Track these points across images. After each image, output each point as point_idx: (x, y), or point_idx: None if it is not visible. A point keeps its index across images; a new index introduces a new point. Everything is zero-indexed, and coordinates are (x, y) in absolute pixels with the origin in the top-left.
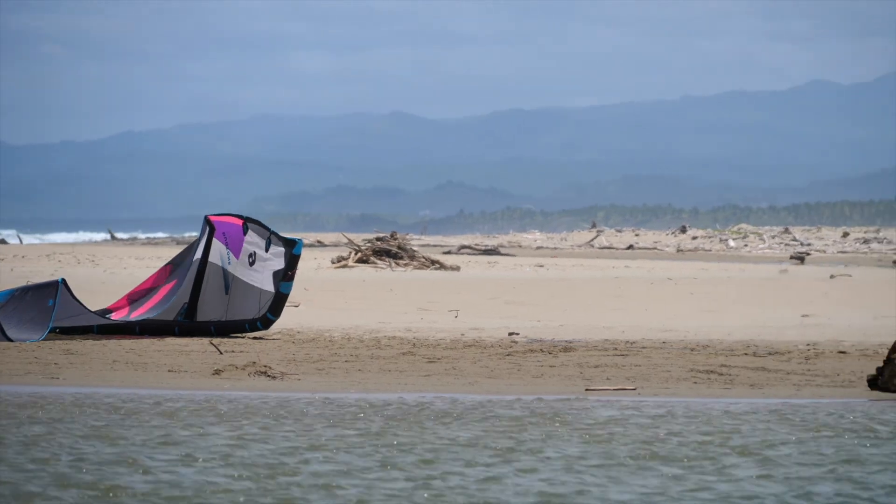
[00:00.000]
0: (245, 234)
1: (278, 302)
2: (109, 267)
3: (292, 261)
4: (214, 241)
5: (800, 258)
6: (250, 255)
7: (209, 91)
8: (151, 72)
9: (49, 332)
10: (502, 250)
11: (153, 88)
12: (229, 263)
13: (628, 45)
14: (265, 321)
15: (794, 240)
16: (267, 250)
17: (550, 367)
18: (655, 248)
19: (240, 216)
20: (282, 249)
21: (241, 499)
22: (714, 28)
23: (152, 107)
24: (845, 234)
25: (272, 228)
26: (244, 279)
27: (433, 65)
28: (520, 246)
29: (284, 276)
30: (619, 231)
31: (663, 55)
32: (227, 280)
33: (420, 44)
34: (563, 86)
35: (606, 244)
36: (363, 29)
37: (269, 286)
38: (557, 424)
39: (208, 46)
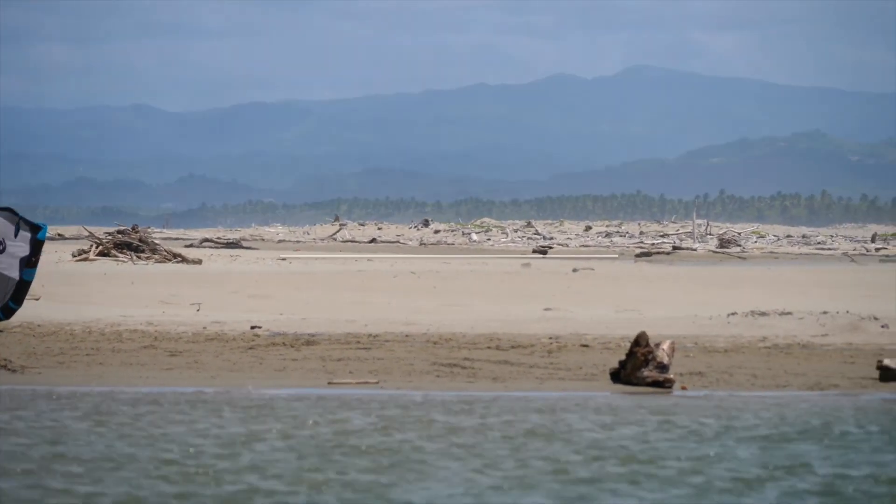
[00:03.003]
0: None
1: (21, 290)
2: None
3: (36, 246)
4: None
5: (542, 252)
6: (0, 243)
7: None
8: None
9: None
10: (245, 244)
11: None
12: None
13: (370, 38)
14: (7, 310)
15: (537, 233)
16: (16, 236)
17: (293, 360)
18: (398, 242)
19: None
20: (28, 235)
21: None
22: (457, 22)
23: None
24: (588, 228)
25: (21, 214)
26: None
27: (175, 57)
28: (262, 239)
29: (28, 263)
30: (362, 224)
31: (405, 49)
32: None
33: (162, 36)
34: (304, 79)
35: (349, 238)
36: (104, 20)
37: (15, 273)
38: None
39: None
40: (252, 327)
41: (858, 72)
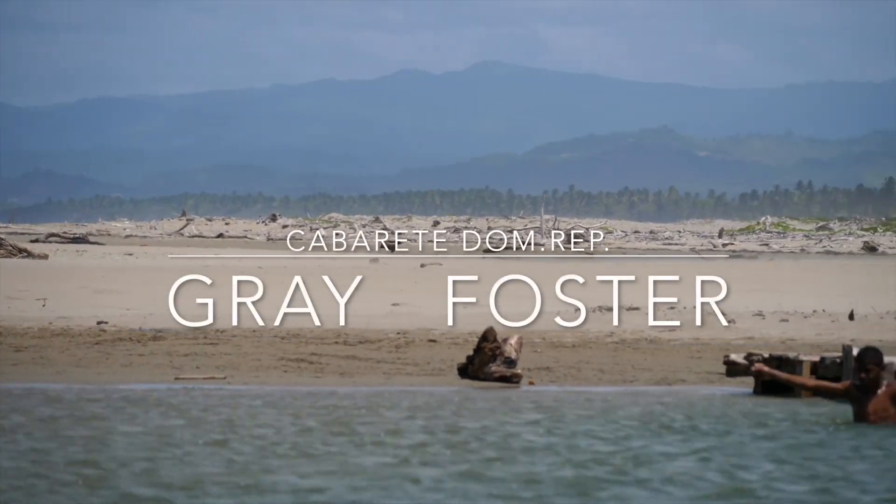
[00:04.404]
0: None
1: None
2: None
3: None
4: None
5: (390, 247)
6: None
7: None
8: None
9: None
10: (91, 238)
11: None
12: None
13: (219, 32)
14: None
15: (385, 229)
16: None
17: (140, 355)
18: (246, 237)
19: None
20: None
21: None
22: (306, 16)
23: None
24: (436, 224)
25: None
26: None
27: (20, 51)
28: (109, 234)
29: None
30: (210, 220)
31: (253, 43)
32: None
33: (7, 29)
34: (153, 73)
35: (197, 233)
36: None
37: None
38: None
39: None
40: (98, 322)
41: (707, 68)
